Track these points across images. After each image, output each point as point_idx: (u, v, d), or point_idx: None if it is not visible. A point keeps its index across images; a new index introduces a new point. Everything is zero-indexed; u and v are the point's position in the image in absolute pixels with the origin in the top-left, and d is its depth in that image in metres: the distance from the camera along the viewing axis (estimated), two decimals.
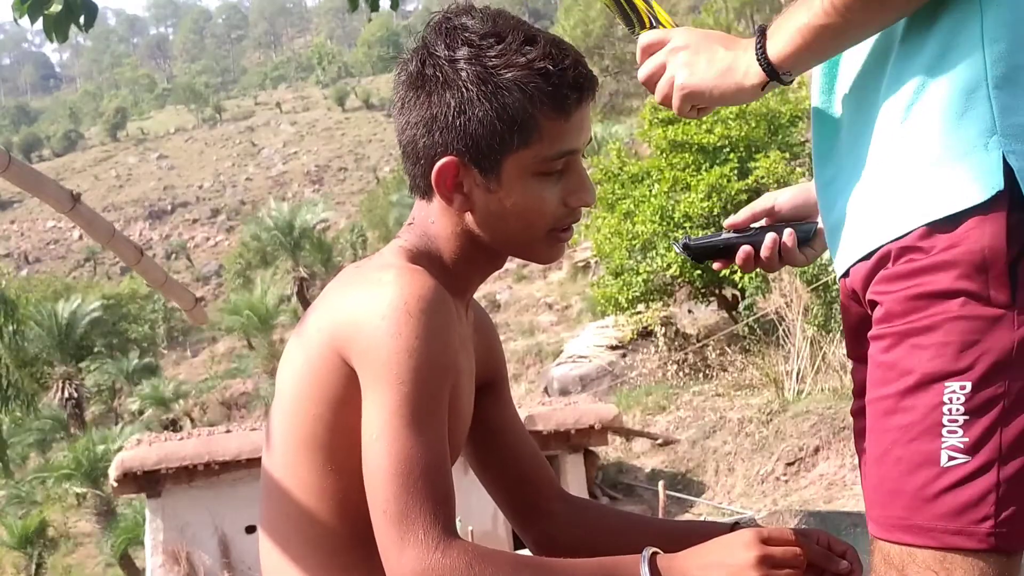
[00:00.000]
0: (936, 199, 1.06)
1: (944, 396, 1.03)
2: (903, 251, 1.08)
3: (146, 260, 3.37)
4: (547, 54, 1.18)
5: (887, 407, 1.08)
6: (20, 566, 21.88)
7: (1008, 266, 1.02)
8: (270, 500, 1.26)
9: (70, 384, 28.91)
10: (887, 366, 1.08)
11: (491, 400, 1.45)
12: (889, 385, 1.08)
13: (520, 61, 1.17)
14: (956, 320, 1.03)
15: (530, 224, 1.24)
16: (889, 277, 1.09)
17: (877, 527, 1.10)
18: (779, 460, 12.05)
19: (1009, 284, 1.02)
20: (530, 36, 1.19)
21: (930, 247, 1.05)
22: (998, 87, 1.05)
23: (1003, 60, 1.05)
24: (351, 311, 1.15)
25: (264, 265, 42.42)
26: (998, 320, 1.03)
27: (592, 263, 24.70)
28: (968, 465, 1.02)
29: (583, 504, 1.48)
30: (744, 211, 1.44)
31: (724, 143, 16.29)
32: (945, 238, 1.05)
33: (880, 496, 1.09)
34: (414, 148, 1.23)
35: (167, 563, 12.33)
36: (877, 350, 1.11)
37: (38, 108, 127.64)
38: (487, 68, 1.17)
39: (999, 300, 1.03)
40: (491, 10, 1.23)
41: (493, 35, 1.18)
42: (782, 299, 13.78)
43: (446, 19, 1.22)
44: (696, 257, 1.42)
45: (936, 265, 1.05)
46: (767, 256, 1.39)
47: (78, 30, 3.73)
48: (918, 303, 1.06)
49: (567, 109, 1.19)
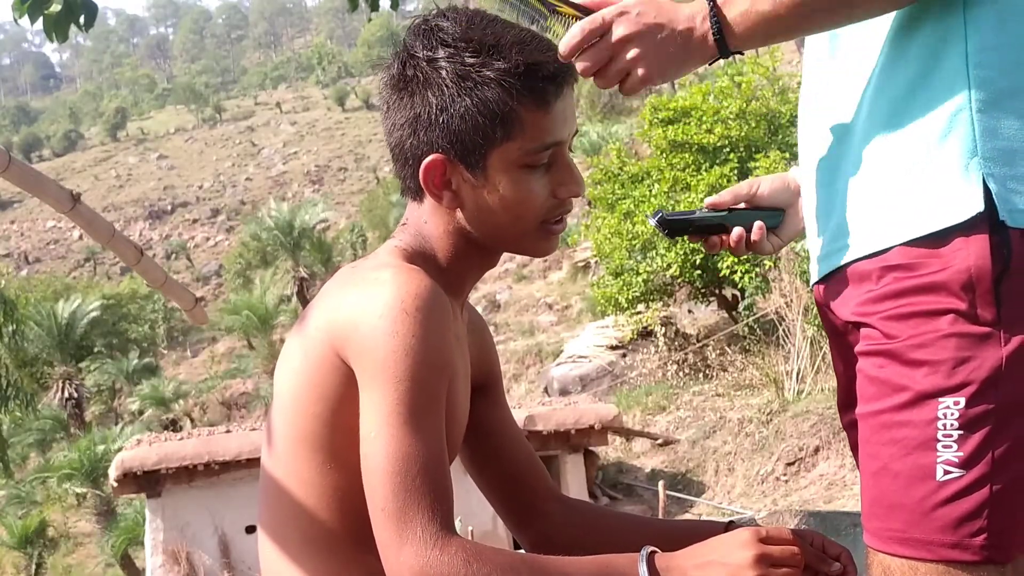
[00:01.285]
0: (917, 217, 1.08)
1: (939, 412, 1.06)
2: (887, 270, 1.11)
3: (146, 260, 3.37)
4: (525, 48, 1.20)
5: (883, 422, 1.10)
6: (20, 566, 21.88)
7: (992, 285, 1.05)
8: (269, 499, 1.26)
9: (70, 384, 28.87)
10: (881, 382, 1.11)
11: (486, 401, 1.46)
12: (884, 400, 1.10)
13: (498, 56, 1.19)
14: (947, 338, 1.06)
15: (519, 217, 1.25)
16: (876, 298, 1.11)
17: (876, 539, 1.12)
18: (779, 460, 12.04)
19: (994, 302, 1.05)
20: (507, 32, 1.22)
21: (916, 266, 1.08)
22: (981, 111, 1.06)
23: (987, 84, 1.06)
24: (349, 310, 1.16)
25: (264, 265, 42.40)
26: (986, 338, 1.05)
27: (592, 263, 24.69)
28: (963, 479, 1.05)
29: (578, 505, 1.49)
30: (725, 192, 1.46)
31: (724, 143, 16.29)
32: (932, 258, 1.07)
33: (879, 509, 1.11)
34: (402, 149, 1.25)
35: (167, 563, 12.33)
36: (869, 366, 1.13)
37: (38, 108, 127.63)
38: (466, 65, 1.19)
39: (986, 318, 1.05)
40: (468, 10, 1.25)
41: (470, 33, 1.21)
42: (782, 299, 13.77)
43: (424, 21, 1.24)
44: (670, 232, 1.43)
45: (926, 286, 1.07)
46: (734, 244, 1.42)
47: (78, 30, 3.73)
48: (909, 322, 1.08)
49: (547, 101, 1.21)
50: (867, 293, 1.12)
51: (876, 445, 1.11)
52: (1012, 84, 1.07)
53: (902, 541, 1.08)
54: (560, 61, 1.19)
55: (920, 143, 1.09)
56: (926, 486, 1.06)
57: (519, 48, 1.20)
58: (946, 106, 1.07)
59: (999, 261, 1.05)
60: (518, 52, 1.19)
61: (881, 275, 1.11)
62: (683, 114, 16.54)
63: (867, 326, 1.13)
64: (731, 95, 16.54)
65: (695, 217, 1.43)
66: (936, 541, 1.06)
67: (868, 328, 1.12)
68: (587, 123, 35.34)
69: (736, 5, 1.11)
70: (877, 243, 1.11)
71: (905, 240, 1.09)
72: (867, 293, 1.12)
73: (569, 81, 1.24)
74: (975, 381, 1.05)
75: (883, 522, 1.10)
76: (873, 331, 1.11)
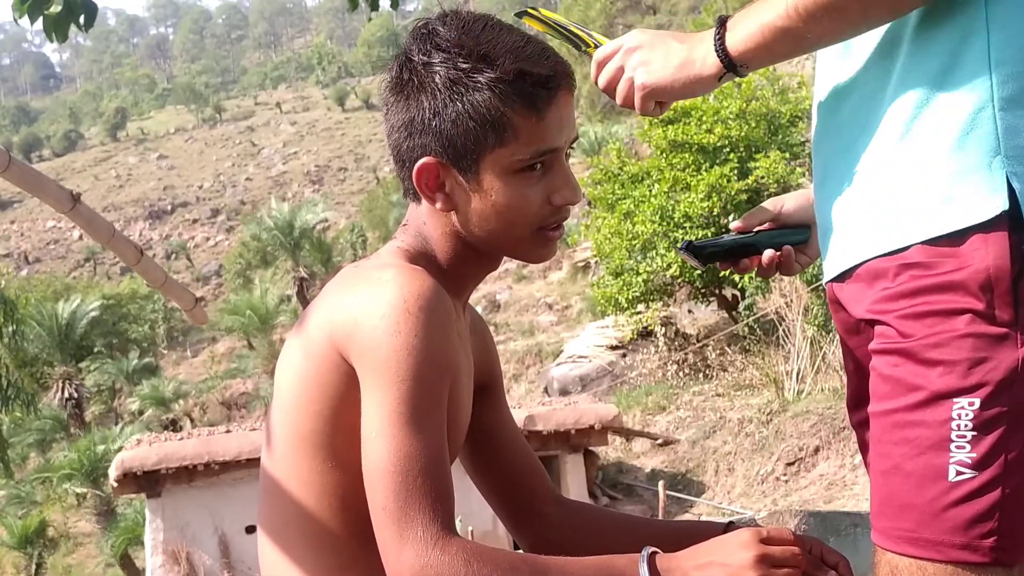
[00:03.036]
0: (938, 216, 1.07)
1: (953, 412, 1.05)
2: (904, 268, 1.09)
3: (146, 260, 3.37)
4: (518, 54, 1.20)
5: (896, 421, 1.10)
6: (20, 566, 21.87)
7: (1011, 285, 1.04)
8: (269, 499, 1.26)
9: (70, 384, 28.86)
10: (895, 381, 1.10)
11: (486, 403, 1.46)
12: (898, 399, 1.09)
13: (491, 62, 1.20)
14: (964, 338, 1.05)
15: (513, 223, 1.25)
16: (893, 296, 1.10)
17: (885, 539, 1.11)
18: (779, 460, 12.04)
19: (1012, 303, 1.04)
20: (502, 38, 1.22)
21: (934, 265, 1.07)
22: (1004, 108, 1.05)
23: (1010, 81, 1.06)
24: (351, 310, 1.16)
25: (264, 265, 42.45)
26: (1003, 339, 1.05)
27: (592, 263, 24.68)
28: (975, 480, 1.05)
29: (577, 506, 1.49)
30: (752, 214, 1.46)
31: (724, 143, 16.27)
32: (950, 257, 1.06)
33: (890, 509, 1.11)
34: (399, 152, 1.26)
35: (167, 563, 12.33)
36: (883, 364, 1.12)
37: (38, 108, 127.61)
38: (459, 70, 1.20)
39: (1003, 319, 1.04)
40: (467, 15, 1.26)
41: (465, 38, 1.21)
42: (782, 299, 13.78)
43: (423, 25, 1.25)
44: (702, 260, 1.43)
45: (943, 285, 1.06)
46: (766, 266, 1.43)
47: (78, 30, 3.73)
48: (925, 321, 1.07)
49: (539, 107, 1.21)
50: (883, 291, 1.12)
51: (888, 444, 1.11)
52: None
53: (912, 541, 1.08)
54: (554, 68, 1.21)
55: (941, 141, 1.08)
56: (938, 486, 1.06)
57: (512, 55, 1.20)
58: (967, 103, 1.06)
59: (1018, 260, 1.04)
60: (511, 59, 1.20)
61: (898, 272, 1.10)
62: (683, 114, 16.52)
63: (882, 323, 1.12)
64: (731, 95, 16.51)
65: (724, 242, 1.43)
66: (946, 542, 1.06)
67: (883, 326, 1.12)
68: (587, 123, 35.34)
69: (744, 18, 1.13)
70: (896, 241, 1.10)
71: (925, 239, 1.08)
72: (883, 291, 1.12)
73: (564, 88, 1.24)
74: (991, 382, 1.04)
75: (892, 521, 1.10)
76: (888, 329, 1.11)
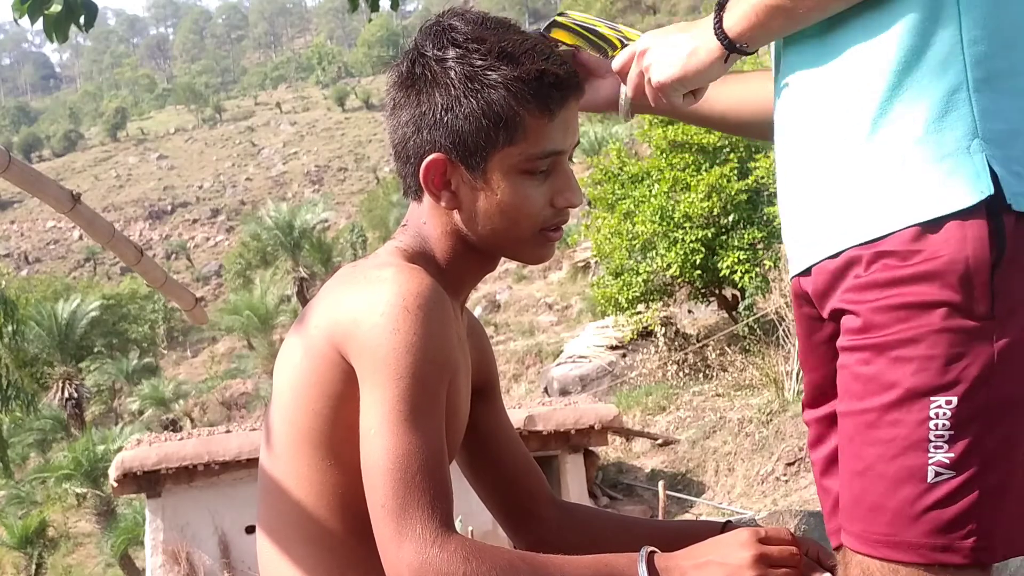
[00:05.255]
0: (914, 202, 1.03)
1: (930, 411, 1.02)
2: (878, 256, 1.05)
3: (146, 260, 3.37)
4: (534, 55, 1.21)
5: (868, 420, 1.06)
6: (20, 566, 21.87)
7: (989, 276, 1.01)
8: (269, 498, 1.26)
9: (70, 384, 28.86)
10: (867, 378, 1.06)
11: (484, 406, 1.46)
12: (870, 398, 1.06)
13: (506, 60, 1.20)
14: (940, 333, 1.01)
15: (516, 223, 1.26)
16: (864, 285, 1.06)
17: (858, 542, 1.09)
18: (779, 460, 12.04)
19: (989, 294, 1.01)
20: (517, 37, 1.23)
21: (909, 253, 1.03)
22: (978, 90, 1.03)
23: (983, 63, 1.03)
24: (350, 308, 1.16)
25: (264, 265, 42.45)
26: (979, 332, 1.01)
27: (592, 263, 24.68)
28: (953, 481, 1.02)
29: (575, 509, 1.49)
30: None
31: (724, 143, 16.27)
32: (926, 245, 1.02)
33: (860, 511, 1.08)
34: (405, 148, 1.26)
35: (167, 563, 12.33)
36: (853, 361, 1.08)
37: (38, 108, 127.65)
38: (474, 67, 1.20)
39: (980, 312, 1.01)
40: (481, 13, 1.27)
41: (481, 36, 1.22)
42: (782, 299, 13.76)
43: (437, 22, 1.25)
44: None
45: (918, 275, 1.02)
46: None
47: (78, 30, 3.73)
48: (899, 314, 1.03)
49: (551, 108, 1.22)
50: (855, 279, 1.07)
51: (860, 445, 1.07)
52: (1009, 63, 1.04)
53: (888, 544, 1.05)
54: (567, 71, 1.22)
55: (919, 123, 1.04)
56: (915, 488, 1.03)
57: (528, 55, 1.21)
58: (942, 85, 1.03)
59: (996, 249, 1.00)
60: (527, 58, 1.21)
61: (872, 261, 1.05)
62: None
63: (852, 314, 1.08)
64: None
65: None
66: (925, 544, 1.03)
67: (852, 317, 1.07)
68: (587, 123, 35.32)
69: (738, 3, 1.13)
70: (869, 231, 1.05)
71: (903, 226, 1.03)
72: (855, 279, 1.07)
73: (575, 92, 1.25)
74: (968, 379, 1.01)
75: (866, 524, 1.07)
76: (858, 321, 1.06)
